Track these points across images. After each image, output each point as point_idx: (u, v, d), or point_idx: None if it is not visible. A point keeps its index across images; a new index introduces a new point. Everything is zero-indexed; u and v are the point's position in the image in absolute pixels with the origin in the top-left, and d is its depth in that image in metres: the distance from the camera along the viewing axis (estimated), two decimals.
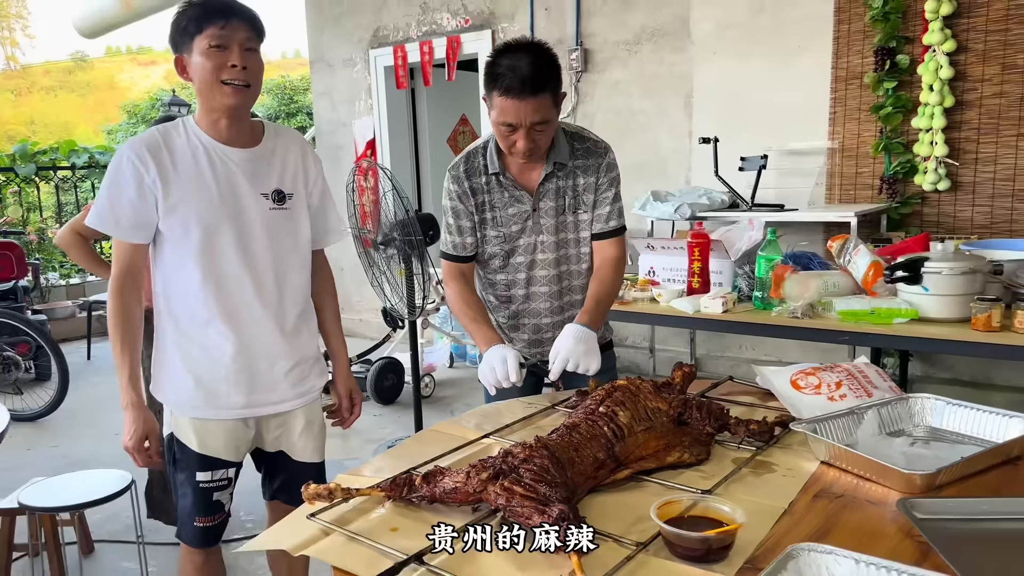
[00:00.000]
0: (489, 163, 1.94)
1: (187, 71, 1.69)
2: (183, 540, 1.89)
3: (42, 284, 6.91)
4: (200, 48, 1.65)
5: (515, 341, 2.09)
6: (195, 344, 1.77)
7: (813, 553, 1.00)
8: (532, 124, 1.76)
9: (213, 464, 1.80)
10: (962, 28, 3.57)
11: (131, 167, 1.67)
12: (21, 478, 2.92)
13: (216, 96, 1.68)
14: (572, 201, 1.96)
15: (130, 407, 1.73)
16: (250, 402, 1.81)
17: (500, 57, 1.76)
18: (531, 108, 1.74)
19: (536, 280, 2.02)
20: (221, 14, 1.65)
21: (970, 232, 3.67)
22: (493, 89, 1.76)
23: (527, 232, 1.98)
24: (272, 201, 1.79)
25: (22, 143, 7.74)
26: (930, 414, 1.58)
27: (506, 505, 1.17)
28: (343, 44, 6.36)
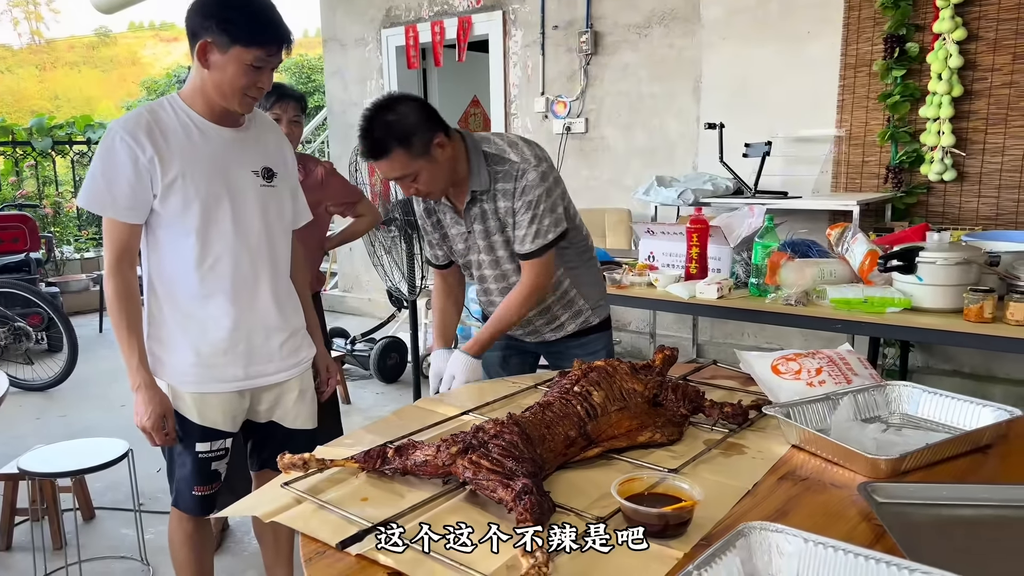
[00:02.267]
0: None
1: (208, 61, 1.67)
2: (181, 508, 1.93)
3: (56, 257, 7.01)
4: (239, 58, 1.64)
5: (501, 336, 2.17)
6: (194, 320, 1.79)
7: (764, 532, 1.01)
8: (396, 179, 1.88)
9: (212, 435, 1.85)
10: (973, 16, 3.52)
11: (125, 147, 1.67)
12: (28, 446, 3.00)
13: (232, 102, 1.72)
14: (497, 223, 2.01)
15: (143, 387, 1.75)
16: (248, 374, 1.85)
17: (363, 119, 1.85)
18: (385, 167, 1.85)
19: (492, 291, 2.14)
20: (275, 40, 1.67)
21: (975, 223, 3.64)
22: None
23: (470, 251, 2.09)
24: (262, 178, 1.82)
25: (39, 117, 7.82)
26: (906, 402, 1.60)
27: (472, 478, 1.19)
28: (356, 23, 6.36)
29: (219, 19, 1.63)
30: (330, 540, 1.09)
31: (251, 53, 1.64)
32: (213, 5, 1.65)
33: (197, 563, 2.00)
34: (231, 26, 1.63)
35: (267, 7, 1.68)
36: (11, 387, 2.27)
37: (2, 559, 2.77)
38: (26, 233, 5.71)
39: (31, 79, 29.84)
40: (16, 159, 7.70)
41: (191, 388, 1.82)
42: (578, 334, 2.18)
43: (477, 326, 5.35)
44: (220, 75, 1.67)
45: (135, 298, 1.76)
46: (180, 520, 1.95)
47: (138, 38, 34.91)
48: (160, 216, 1.74)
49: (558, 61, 5.16)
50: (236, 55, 1.64)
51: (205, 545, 2.03)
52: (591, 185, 5.10)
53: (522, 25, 5.31)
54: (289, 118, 2.69)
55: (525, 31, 5.29)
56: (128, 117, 1.72)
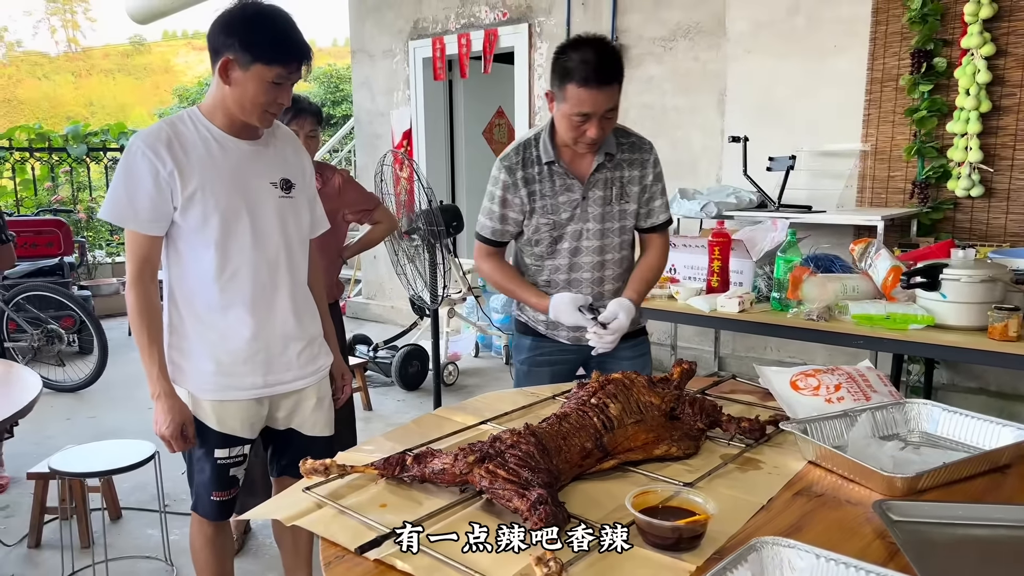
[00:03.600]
0: (543, 153, 2.04)
1: (229, 78, 1.69)
2: (200, 513, 1.97)
3: (89, 261, 7.15)
4: (260, 75, 1.67)
5: (551, 325, 2.16)
6: (214, 330, 1.82)
7: (776, 547, 1.03)
8: (605, 111, 1.89)
9: (231, 441, 1.88)
10: (1002, 32, 3.50)
11: (146, 161, 1.70)
12: (59, 446, 3.08)
13: (252, 117, 1.75)
14: (619, 191, 2.08)
15: (163, 396, 1.78)
16: (267, 382, 1.88)
17: (570, 52, 1.88)
18: (605, 97, 1.87)
19: (578, 266, 2.11)
20: (295, 59, 1.69)
21: (1003, 240, 3.60)
22: (568, 81, 1.86)
23: (575, 219, 2.07)
24: (281, 189, 1.86)
25: (74, 124, 8.00)
26: (925, 420, 1.59)
27: (489, 487, 1.21)
28: (384, 35, 6.44)
29: (241, 37, 1.66)
30: (349, 545, 1.11)
31: (272, 71, 1.67)
32: (236, 23, 1.68)
33: (217, 566, 2.04)
34: (253, 44, 1.65)
35: (288, 26, 1.70)
36: (43, 388, 2.33)
37: (31, 556, 2.84)
38: (60, 238, 5.84)
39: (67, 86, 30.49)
40: (52, 165, 7.88)
41: (210, 396, 1.84)
42: (630, 335, 2.12)
43: (498, 334, 5.39)
44: (241, 91, 1.69)
45: (156, 309, 1.80)
46: (200, 524, 1.99)
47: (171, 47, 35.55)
48: (180, 228, 1.77)
49: None
50: (257, 72, 1.67)
51: (225, 549, 2.06)
52: None
53: (547, 38, 5.34)
54: (306, 133, 2.75)
55: (550, 44, 5.33)
56: (148, 131, 1.74)
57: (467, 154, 6.69)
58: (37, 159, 7.72)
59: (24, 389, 2.25)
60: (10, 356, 4.67)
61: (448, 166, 6.70)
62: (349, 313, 6.94)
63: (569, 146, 2.02)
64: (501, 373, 5.23)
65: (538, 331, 2.20)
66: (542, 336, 2.20)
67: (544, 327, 2.19)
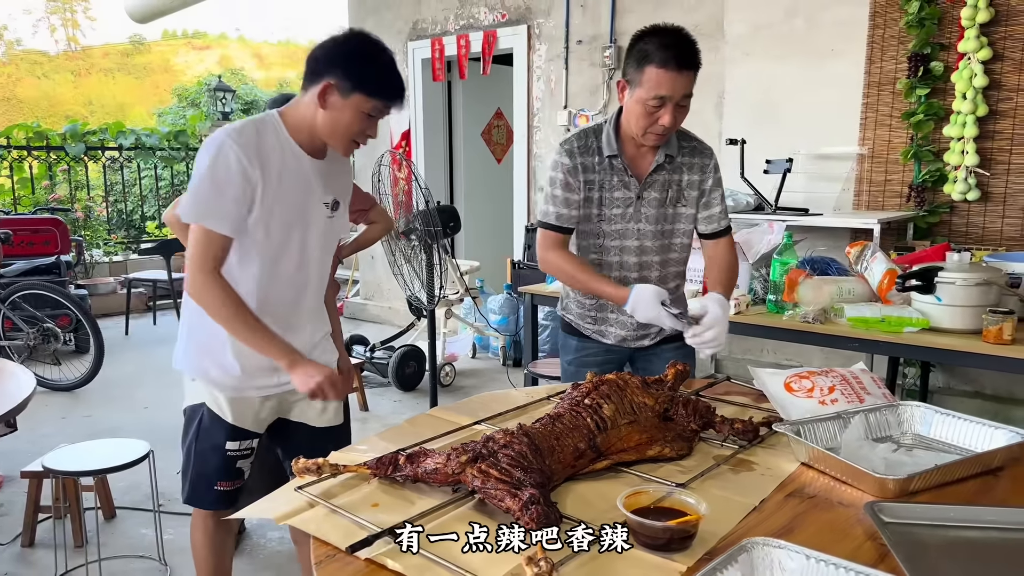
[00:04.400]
0: (605, 145, 2.01)
1: (327, 102, 1.70)
2: (198, 505, 1.96)
3: (86, 260, 7.14)
4: (358, 105, 1.69)
5: (598, 321, 2.16)
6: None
7: (767, 547, 1.03)
8: (682, 97, 1.86)
9: (241, 435, 1.90)
10: (999, 36, 3.50)
11: (237, 162, 1.67)
12: (53, 444, 3.07)
13: (337, 145, 1.78)
14: (675, 194, 2.04)
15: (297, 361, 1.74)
16: (282, 380, 1.88)
17: (649, 37, 1.86)
18: (685, 81, 1.85)
19: (627, 266, 2.08)
20: (395, 96, 1.73)
21: (999, 244, 3.61)
22: (648, 64, 1.83)
23: (627, 218, 2.04)
24: (329, 209, 1.88)
25: (72, 123, 7.99)
26: (919, 422, 1.59)
27: (481, 487, 1.21)
28: (383, 35, 6.29)
29: (347, 65, 1.68)
30: (340, 544, 1.11)
31: (370, 103, 1.70)
32: (343, 51, 1.70)
33: (216, 562, 2.05)
34: (357, 75, 1.67)
35: (392, 64, 1.74)
36: (38, 387, 2.33)
37: (25, 555, 2.84)
38: (57, 236, 5.83)
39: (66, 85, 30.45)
40: (50, 163, 7.87)
41: (231, 394, 1.87)
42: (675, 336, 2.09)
43: (495, 335, 5.39)
44: (335, 117, 1.70)
45: (236, 294, 1.74)
46: (202, 519, 1.99)
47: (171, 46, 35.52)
48: (242, 233, 1.74)
49: (581, 75, 5.19)
50: (356, 102, 1.69)
51: (225, 545, 2.07)
52: None
53: (546, 39, 5.35)
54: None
55: (549, 45, 5.34)
56: (239, 131, 1.70)
57: (465, 155, 6.70)
58: (35, 157, 7.70)
59: (18, 386, 2.25)
60: (5, 355, 4.66)
61: (446, 167, 6.70)
62: (346, 313, 6.94)
63: (635, 138, 1.97)
64: (498, 374, 5.23)
65: (583, 332, 2.19)
66: (587, 337, 2.19)
67: (591, 329, 2.17)
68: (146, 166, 9.01)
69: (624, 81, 1.92)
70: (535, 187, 5.61)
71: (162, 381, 5.01)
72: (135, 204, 9.49)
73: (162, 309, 6.97)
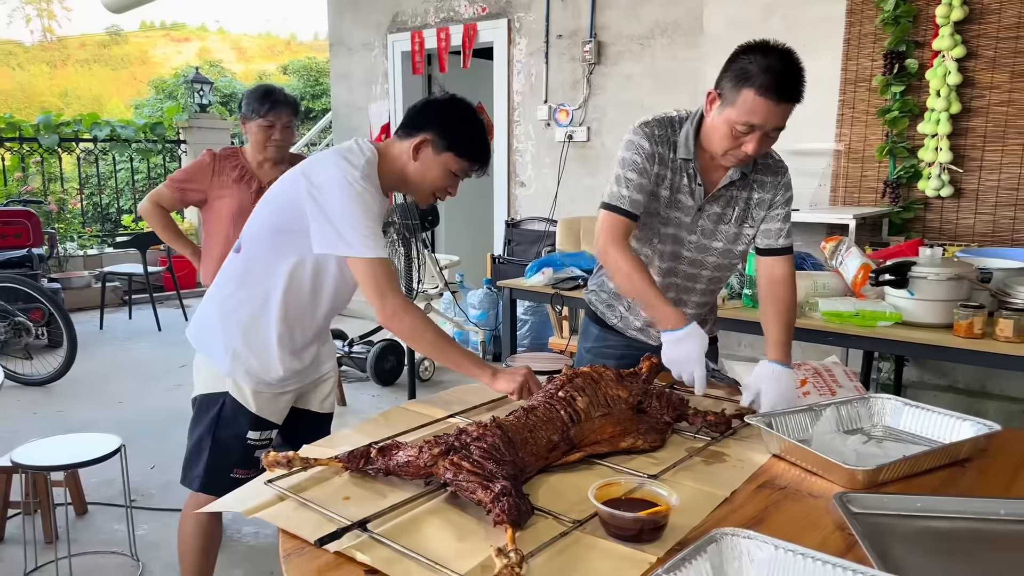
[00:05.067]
0: (682, 145, 1.85)
1: (419, 154, 1.78)
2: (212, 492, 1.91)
3: (59, 253, 7.03)
4: (447, 163, 1.78)
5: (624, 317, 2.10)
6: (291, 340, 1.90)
7: (736, 538, 1.03)
8: (772, 129, 1.70)
9: (263, 424, 1.95)
10: (972, 35, 3.54)
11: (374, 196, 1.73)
12: (23, 440, 3.01)
13: (419, 195, 1.87)
14: (741, 213, 1.90)
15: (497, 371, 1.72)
16: (304, 377, 2.01)
17: (754, 54, 1.67)
18: (782, 112, 1.68)
19: (676, 272, 1.97)
20: (483, 162, 1.83)
21: (971, 240, 3.65)
22: (745, 86, 1.66)
23: (681, 226, 1.91)
24: None
25: (46, 114, 7.86)
26: (889, 415, 1.61)
27: (453, 480, 1.21)
28: (362, 28, 6.40)
29: (445, 125, 1.77)
30: (309, 537, 1.10)
31: (459, 164, 1.79)
32: (444, 111, 1.80)
33: (203, 558, 2.06)
34: (453, 135, 1.77)
35: (484, 132, 1.83)
36: (9, 380, 2.29)
37: None
38: (29, 229, 5.73)
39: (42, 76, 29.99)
40: (23, 155, 7.73)
41: (257, 388, 1.91)
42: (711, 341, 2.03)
43: (475, 330, 5.38)
44: (424, 170, 1.79)
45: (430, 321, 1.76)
46: (197, 511, 1.98)
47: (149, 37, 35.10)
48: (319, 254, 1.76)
49: (561, 70, 5.19)
50: (446, 160, 1.77)
51: (214, 538, 2.10)
52: (592, 194, 5.12)
53: (527, 34, 5.34)
54: (283, 124, 2.81)
55: (529, 39, 5.32)
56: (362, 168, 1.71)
57: None
58: (7, 149, 7.57)
59: None
60: None
61: None
62: None
63: (710, 151, 1.82)
64: None
65: (607, 322, 2.11)
66: (609, 328, 2.11)
67: (618, 320, 2.08)
68: (122, 158, 8.88)
69: (716, 94, 1.74)
70: (515, 182, 5.61)
71: (136, 376, 4.96)
72: (111, 197, 9.36)
73: (137, 304, 6.88)
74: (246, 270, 1.85)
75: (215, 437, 1.93)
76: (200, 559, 2.07)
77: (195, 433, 1.97)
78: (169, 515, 3.01)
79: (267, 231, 1.81)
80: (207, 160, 2.84)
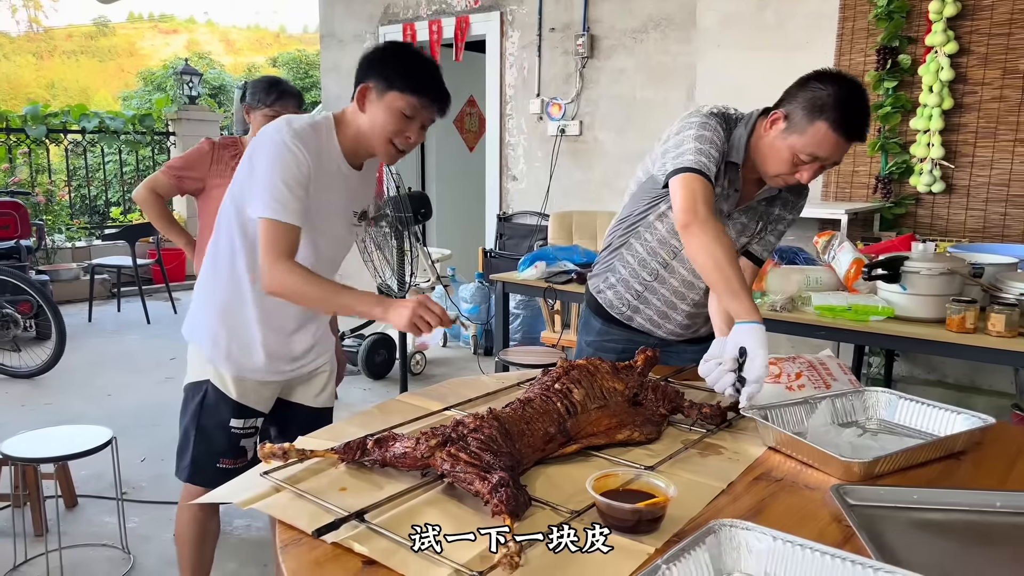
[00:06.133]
0: (734, 150, 1.78)
1: (365, 104, 1.72)
2: (198, 483, 1.94)
3: (47, 245, 6.98)
4: (393, 104, 1.69)
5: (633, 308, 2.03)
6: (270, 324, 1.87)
7: (734, 529, 1.03)
8: (833, 162, 1.70)
9: (247, 413, 1.92)
10: (965, 30, 3.56)
11: (299, 155, 1.67)
12: (13, 432, 2.99)
13: (377, 148, 1.77)
14: (762, 227, 1.90)
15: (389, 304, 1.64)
16: (291, 367, 1.97)
17: (829, 84, 1.64)
18: (845, 149, 1.68)
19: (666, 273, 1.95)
20: (428, 92, 1.70)
21: (962, 235, 3.67)
22: (819, 118, 1.62)
23: None
24: (356, 219, 1.92)
25: (33, 105, 7.78)
26: (883, 408, 1.62)
27: (450, 471, 1.20)
28: (354, 20, 6.37)
29: (381, 65, 1.70)
30: (307, 528, 1.10)
31: (404, 100, 1.68)
32: (381, 54, 1.73)
33: (199, 550, 2.05)
34: (391, 72, 1.69)
35: (430, 64, 1.74)
36: None
37: None
38: (17, 220, 5.68)
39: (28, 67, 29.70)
40: (9, 146, 7.66)
41: (237, 373, 1.88)
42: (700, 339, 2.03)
43: (466, 324, 5.37)
44: (372, 118, 1.72)
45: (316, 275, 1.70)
46: (191, 504, 1.97)
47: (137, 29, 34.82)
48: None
49: (554, 63, 5.18)
50: (390, 101, 1.69)
51: (209, 531, 2.08)
52: (584, 188, 5.12)
53: (519, 26, 5.32)
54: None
55: (522, 32, 5.31)
56: (301, 130, 1.70)
57: (437, 142, 6.65)
58: None
59: None
60: None
61: (418, 154, 6.65)
62: None
63: (754, 165, 1.78)
64: (469, 363, 5.22)
65: (612, 316, 2.05)
66: (613, 321, 2.06)
67: (629, 312, 2.02)
68: (110, 150, 8.82)
69: (782, 116, 1.68)
70: (507, 176, 5.60)
71: (125, 368, 4.93)
72: (99, 189, 9.28)
73: (126, 296, 6.83)
74: (217, 253, 1.84)
75: (199, 426, 1.92)
76: (197, 551, 2.06)
77: (182, 423, 1.96)
78: (160, 508, 2.99)
79: (230, 209, 1.80)
80: (206, 148, 2.82)
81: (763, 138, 1.74)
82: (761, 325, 1.56)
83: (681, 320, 2.01)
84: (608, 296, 2.06)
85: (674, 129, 1.80)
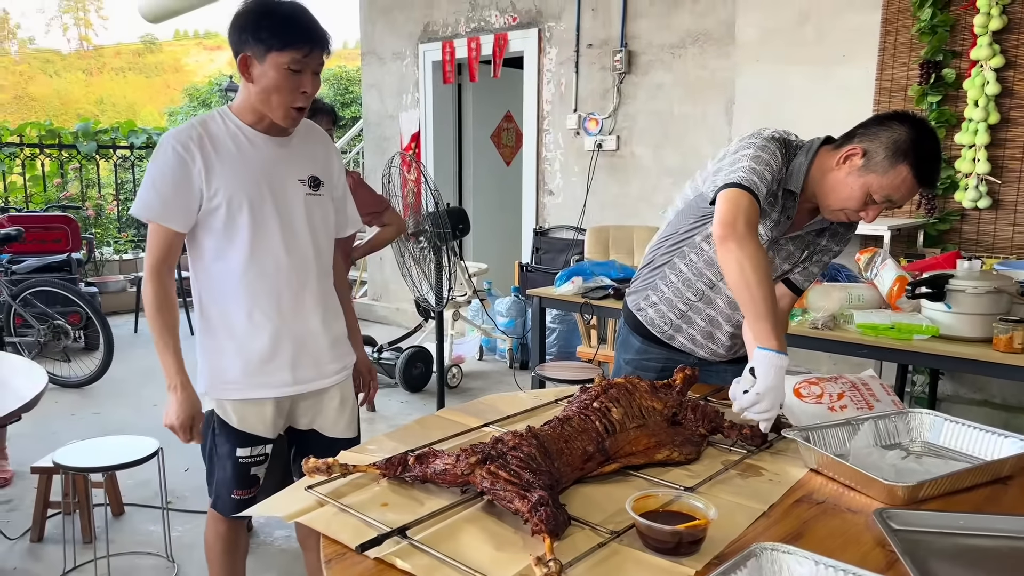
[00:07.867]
0: (793, 179, 1.73)
1: (250, 74, 1.71)
2: (219, 510, 1.97)
3: (96, 258, 7.18)
4: (275, 64, 1.68)
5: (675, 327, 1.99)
6: (241, 328, 1.83)
7: (775, 553, 1.03)
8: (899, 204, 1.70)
9: (252, 441, 1.88)
10: (1011, 44, 3.49)
11: (176, 157, 1.72)
12: (63, 441, 3.08)
13: (277, 112, 1.74)
14: (804, 256, 1.88)
15: (179, 388, 1.80)
16: (293, 379, 1.88)
17: (912, 128, 1.62)
18: (915, 194, 1.74)
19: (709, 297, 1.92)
20: (306, 41, 1.68)
21: (1009, 252, 3.59)
22: (904, 163, 1.60)
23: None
24: (308, 187, 1.87)
25: (84, 122, 8.04)
26: (928, 430, 1.59)
27: (490, 488, 1.22)
28: (394, 37, 6.47)
29: (253, 30, 1.68)
30: (350, 543, 1.12)
31: (286, 56, 1.67)
32: (246, 18, 1.70)
33: (228, 563, 2.06)
34: (264, 34, 1.67)
35: (297, 12, 1.71)
36: (48, 384, 2.34)
37: (34, 550, 2.85)
38: (68, 234, 5.86)
39: (78, 84, 30.67)
40: (61, 161, 7.92)
41: (235, 395, 1.86)
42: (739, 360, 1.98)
43: (502, 337, 5.39)
44: (262, 85, 1.70)
45: (173, 303, 1.81)
46: (215, 521, 2.00)
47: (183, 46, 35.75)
48: (208, 225, 1.78)
49: (591, 79, 5.20)
50: (272, 61, 1.68)
51: (237, 546, 2.08)
52: (621, 202, 5.12)
53: (557, 43, 5.36)
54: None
55: (560, 49, 5.34)
56: (180, 128, 1.77)
57: (474, 157, 6.71)
58: (47, 155, 7.76)
59: (29, 383, 2.27)
60: (17, 351, 4.69)
61: (456, 169, 6.72)
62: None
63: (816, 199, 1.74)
64: (505, 376, 5.23)
65: (651, 334, 2.01)
66: (652, 339, 2.02)
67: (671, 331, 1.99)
68: None
69: (861, 151, 1.64)
70: (544, 191, 5.62)
71: None
72: None
73: None
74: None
75: (215, 455, 1.92)
76: (227, 566, 2.06)
77: (204, 453, 1.97)
78: (203, 517, 3.04)
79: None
80: None
81: (832, 171, 1.69)
82: (774, 352, 1.50)
83: (724, 341, 1.98)
84: (649, 314, 2.02)
85: (732, 148, 1.77)
